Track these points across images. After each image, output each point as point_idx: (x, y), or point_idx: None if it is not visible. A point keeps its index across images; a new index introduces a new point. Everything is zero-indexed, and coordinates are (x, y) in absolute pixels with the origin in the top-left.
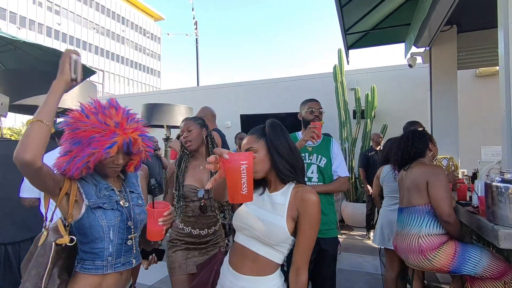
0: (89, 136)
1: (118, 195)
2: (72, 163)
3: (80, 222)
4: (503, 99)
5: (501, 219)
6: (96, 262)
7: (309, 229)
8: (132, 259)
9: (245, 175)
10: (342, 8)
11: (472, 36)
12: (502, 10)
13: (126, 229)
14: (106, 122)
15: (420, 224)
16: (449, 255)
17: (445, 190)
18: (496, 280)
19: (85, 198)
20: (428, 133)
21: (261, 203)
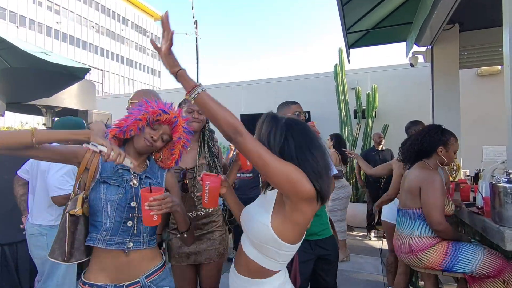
0: (145, 110)
1: (132, 175)
2: (129, 122)
3: (89, 194)
4: (508, 98)
5: (508, 220)
6: (92, 234)
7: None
8: (128, 241)
9: (207, 191)
10: (343, 6)
11: (474, 35)
12: (507, 9)
13: (127, 208)
14: (165, 106)
15: (412, 227)
16: (439, 254)
17: (437, 197)
18: (494, 278)
19: (99, 173)
20: (449, 137)
21: (261, 201)
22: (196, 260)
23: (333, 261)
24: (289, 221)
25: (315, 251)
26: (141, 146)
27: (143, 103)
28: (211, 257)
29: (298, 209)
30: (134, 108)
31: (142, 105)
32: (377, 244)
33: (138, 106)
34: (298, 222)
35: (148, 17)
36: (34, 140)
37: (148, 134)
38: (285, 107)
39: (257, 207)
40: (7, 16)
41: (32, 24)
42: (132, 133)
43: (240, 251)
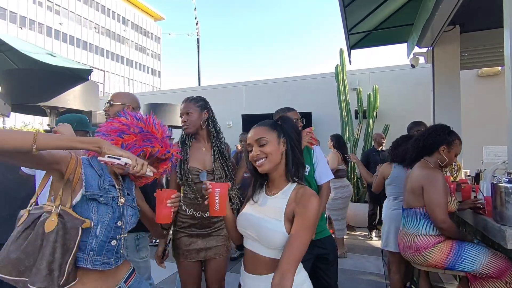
0: (143, 134)
1: (118, 191)
2: (132, 144)
3: (73, 209)
4: (509, 99)
5: (509, 219)
6: (78, 253)
7: (303, 231)
8: (111, 260)
9: (217, 198)
10: (345, 8)
11: (475, 36)
12: (508, 10)
13: (114, 228)
14: (162, 140)
15: (417, 226)
16: (444, 252)
17: (440, 196)
18: (497, 279)
19: (84, 186)
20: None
21: (260, 208)
22: (206, 255)
23: (332, 260)
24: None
25: (313, 251)
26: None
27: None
28: (220, 252)
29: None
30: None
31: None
32: (378, 243)
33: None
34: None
35: (149, 17)
36: (35, 146)
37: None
38: (280, 114)
39: (262, 216)
40: (7, 17)
41: (33, 24)
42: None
43: (252, 257)
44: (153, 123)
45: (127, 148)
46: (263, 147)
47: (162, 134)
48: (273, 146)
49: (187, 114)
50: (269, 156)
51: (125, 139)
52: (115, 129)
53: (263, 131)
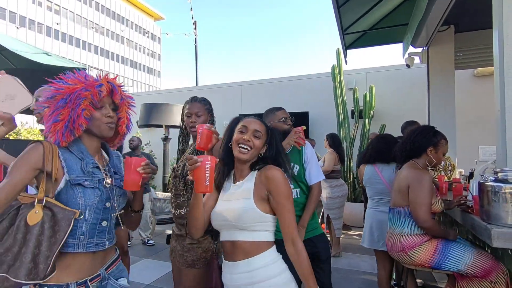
0: (73, 91)
1: (103, 173)
2: (70, 122)
3: (56, 197)
4: (498, 99)
5: (494, 218)
6: (68, 240)
7: (284, 200)
8: (105, 241)
9: (208, 171)
10: (339, 8)
11: (470, 36)
12: (496, 11)
13: (103, 210)
14: (86, 77)
15: (403, 225)
16: (429, 251)
17: (424, 196)
18: (482, 279)
19: (67, 172)
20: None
21: (228, 196)
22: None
23: (324, 259)
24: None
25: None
26: (105, 132)
27: (56, 87)
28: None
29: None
30: (45, 100)
31: (60, 89)
32: None
33: (54, 91)
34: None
35: (148, 17)
36: None
37: (104, 115)
38: (270, 114)
39: (232, 201)
40: (6, 16)
41: (32, 24)
42: (84, 127)
43: (230, 245)
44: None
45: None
46: (256, 139)
47: (87, 80)
48: (261, 144)
49: (197, 115)
50: (254, 150)
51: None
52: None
53: (262, 128)
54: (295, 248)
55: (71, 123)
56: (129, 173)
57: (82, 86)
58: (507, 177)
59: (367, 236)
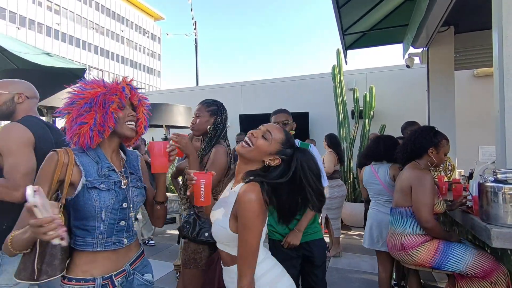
0: (96, 94)
1: (119, 175)
2: (97, 125)
3: (75, 199)
4: (497, 100)
5: (494, 218)
6: (86, 239)
7: (241, 231)
8: (123, 239)
9: (203, 188)
10: (339, 9)
11: (470, 36)
12: (496, 12)
13: (120, 210)
14: (104, 82)
15: (404, 225)
16: (430, 252)
17: (427, 196)
18: (482, 279)
19: (84, 176)
20: (441, 139)
21: (222, 201)
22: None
23: (318, 265)
24: None
25: (299, 252)
26: (128, 133)
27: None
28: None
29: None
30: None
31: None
32: None
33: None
34: None
35: (148, 17)
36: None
37: (127, 116)
38: (272, 116)
39: (220, 209)
40: (6, 16)
41: (32, 24)
42: (112, 128)
43: (220, 251)
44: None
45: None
46: (262, 139)
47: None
48: (266, 147)
49: (197, 116)
50: (254, 150)
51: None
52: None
53: (277, 134)
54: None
55: (99, 126)
56: (156, 157)
57: (105, 90)
58: (507, 177)
59: (367, 237)
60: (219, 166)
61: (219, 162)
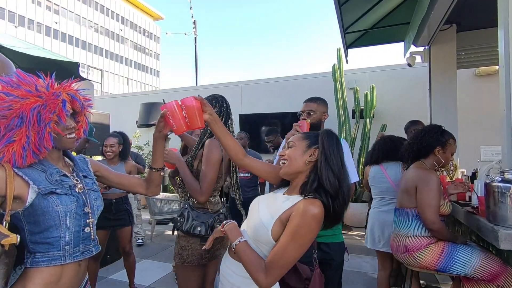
0: (30, 108)
1: (72, 179)
2: (32, 144)
3: (29, 209)
4: (503, 98)
5: (501, 219)
6: (51, 253)
7: (289, 240)
8: (91, 247)
9: (184, 112)
10: (340, 7)
11: (472, 35)
12: (502, 9)
13: (83, 215)
14: (37, 89)
15: (409, 226)
16: (435, 254)
17: (432, 197)
18: (489, 282)
19: (33, 184)
20: (448, 138)
21: (272, 200)
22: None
23: (335, 269)
24: None
25: (316, 253)
26: (68, 145)
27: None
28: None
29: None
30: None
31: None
32: None
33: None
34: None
35: (148, 17)
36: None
37: (66, 129)
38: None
39: (267, 207)
40: (5, 16)
41: (31, 23)
42: (49, 149)
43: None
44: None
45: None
46: (288, 149)
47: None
48: (296, 151)
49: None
50: (289, 161)
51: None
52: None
53: (295, 137)
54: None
55: (34, 146)
56: (177, 116)
57: (40, 102)
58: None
59: (369, 237)
60: (212, 160)
61: (211, 155)
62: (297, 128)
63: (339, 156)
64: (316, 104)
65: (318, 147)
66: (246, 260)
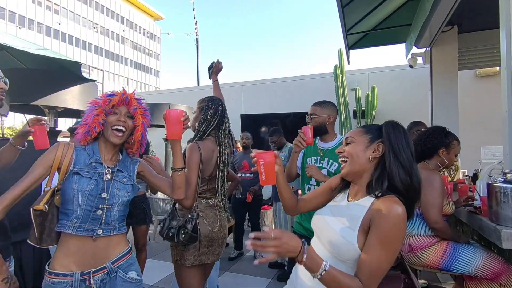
0: (96, 103)
1: (106, 169)
2: (87, 126)
3: (63, 185)
4: (505, 100)
5: (504, 219)
6: (63, 221)
7: (379, 247)
8: (98, 229)
9: (262, 167)
10: (343, 8)
11: (473, 36)
12: (504, 11)
13: (98, 198)
14: (111, 95)
15: (412, 226)
16: (438, 253)
17: (436, 197)
18: (491, 281)
19: (73, 164)
20: (452, 140)
21: (337, 211)
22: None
23: None
24: None
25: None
26: (113, 136)
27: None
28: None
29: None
30: (86, 111)
31: (91, 105)
32: None
33: (89, 107)
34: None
35: (148, 17)
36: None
37: (114, 121)
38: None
39: (337, 219)
40: (6, 16)
41: (32, 24)
42: (97, 130)
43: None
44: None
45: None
46: (347, 146)
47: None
48: (356, 147)
49: (193, 113)
50: (350, 159)
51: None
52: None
53: (354, 132)
54: None
55: (88, 127)
56: (172, 125)
57: (97, 104)
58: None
59: None
60: (192, 165)
61: (190, 160)
62: (301, 135)
63: (409, 149)
64: (320, 107)
65: (382, 141)
66: (341, 286)
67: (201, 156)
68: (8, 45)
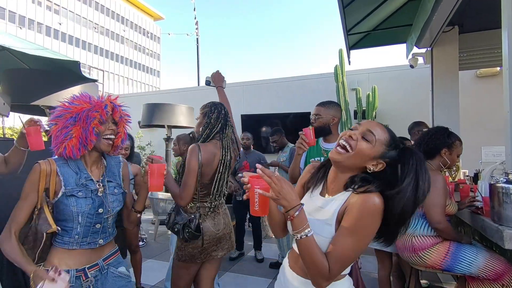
0: (81, 110)
1: (96, 184)
2: (83, 139)
3: (57, 203)
4: (507, 100)
5: (506, 220)
6: (64, 238)
7: (346, 231)
8: (99, 240)
9: (257, 196)
10: (344, 8)
11: (474, 37)
12: (506, 11)
13: (96, 215)
14: (90, 98)
15: (415, 226)
16: (441, 253)
17: (438, 197)
18: (494, 282)
19: (64, 185)
20: (454, 140)
21: (311, 207)
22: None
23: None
24: None
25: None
26: (105, 145)
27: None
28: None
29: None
30: (53, 118)
31: (68, 109)
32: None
33: (62, 111)
34: None
35: (148, 17)
36: None
37: (104, 130)
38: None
39: (316, 219)
40: (6, 16)
41: (32, 24)
42: (94, 142)
43: (297, 256)
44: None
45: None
46: (364, 141)
47: (93, 101)
48: (368, 151)
49: (197, 119)
50: (354, 154)
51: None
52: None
53: (382, 134)
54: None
55: (84, 140)
56: (153, 179)
57: (89, 107)
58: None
59: None
60: (190, 168)
61: (189, 163)
62: (302, 137)
63: (428, 190)
64: (324, 108)
65: (387, 163)
66: (310, 261)
67: (200, 158)
68: (5, 46)
